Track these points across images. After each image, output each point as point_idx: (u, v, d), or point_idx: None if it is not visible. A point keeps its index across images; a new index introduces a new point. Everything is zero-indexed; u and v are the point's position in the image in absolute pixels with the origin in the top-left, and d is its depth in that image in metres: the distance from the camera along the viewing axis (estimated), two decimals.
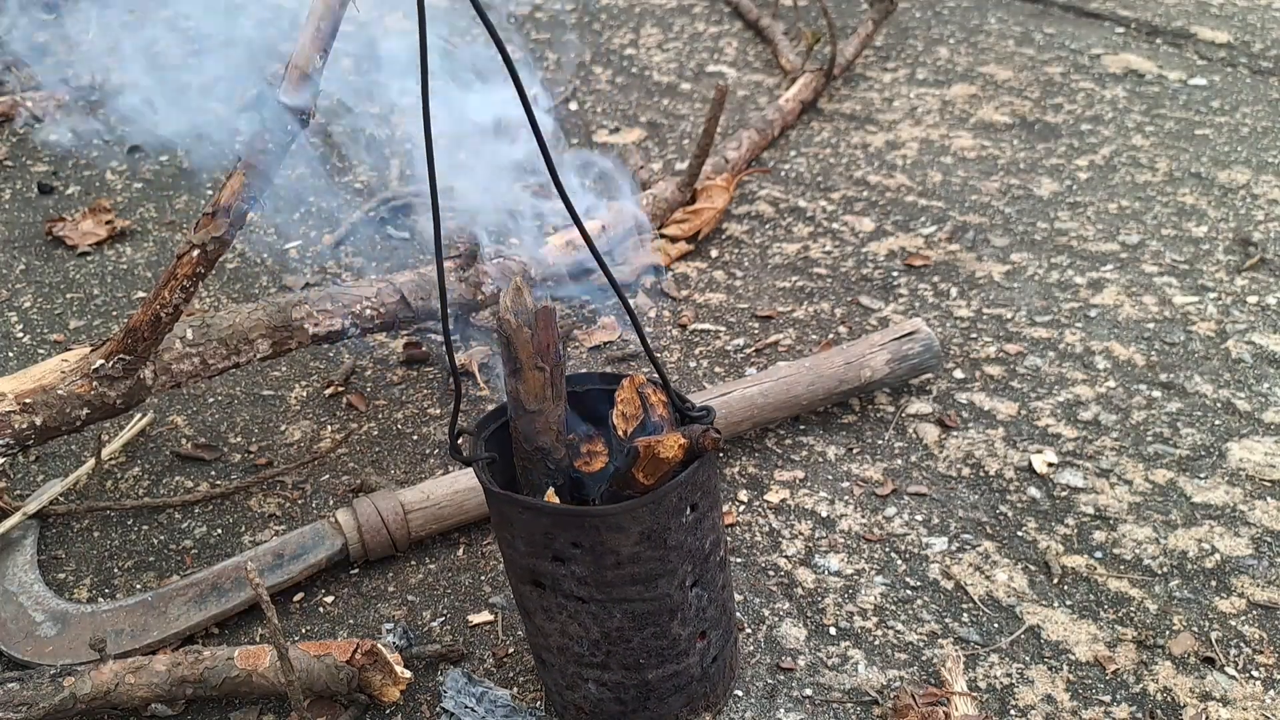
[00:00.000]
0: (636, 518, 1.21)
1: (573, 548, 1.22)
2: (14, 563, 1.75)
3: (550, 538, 1.23)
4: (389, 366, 2.32)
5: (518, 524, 1.25)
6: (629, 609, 1.28)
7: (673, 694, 1.39)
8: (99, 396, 1.68)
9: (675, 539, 1.26)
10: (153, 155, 3.32)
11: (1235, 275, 2.49)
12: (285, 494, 1.96)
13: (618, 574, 1.24)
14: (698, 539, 1.30)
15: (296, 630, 1.67)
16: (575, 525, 1.21)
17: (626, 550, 1.22)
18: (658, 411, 1.31)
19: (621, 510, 1.20)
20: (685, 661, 1.37)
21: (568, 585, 1.26)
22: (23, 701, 1.38)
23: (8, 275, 2.72)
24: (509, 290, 1.22)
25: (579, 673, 1.36)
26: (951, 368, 2.23)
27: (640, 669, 1.34)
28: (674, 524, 1.25)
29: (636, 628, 1.30)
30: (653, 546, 1.24)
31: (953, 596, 1.68)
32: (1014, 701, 1.49)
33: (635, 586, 1.26)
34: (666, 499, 1.22)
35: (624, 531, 1.21)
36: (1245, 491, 1.85)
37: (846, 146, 3.27)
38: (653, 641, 1.32)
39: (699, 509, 1.28)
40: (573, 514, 1.23)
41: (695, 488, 1.26)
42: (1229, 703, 1.47)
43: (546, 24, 4.43)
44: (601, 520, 1.20)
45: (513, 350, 1.22)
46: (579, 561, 1.23)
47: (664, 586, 1.28)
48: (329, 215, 2.97)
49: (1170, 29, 4.00)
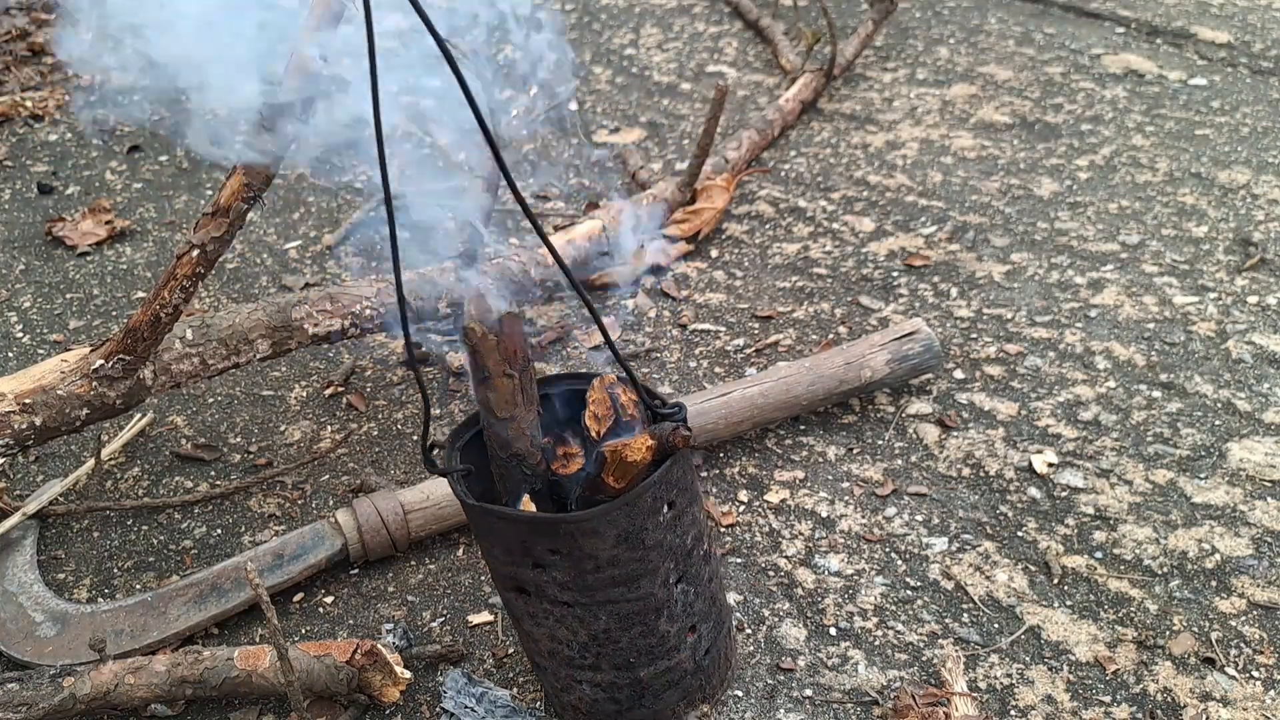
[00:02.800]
0: (612, 521, 1.20)
1: (551, 554, 1.22)
2: (14, 563, 1.75)
3: (528, 546, 1.22)
4: (389, 366, 2.32)
5: (495, 534, 1.24)
6: (614, 610, 1.27)
7: (667, 689, 1.39)
8: (99, 397, 1.68)
9: (654, 538, 1.25)
10: (152, 155, 3.32)
11: (1235, 275, 2.49)
12: (285, 494, 1.95)
13: (598, 577, 1.23)
14: (677, 536, 1.29)
15: (296, 631, 1.67)
16: (550, 532, 1.20)
17: (605, 554, 1.22)
18: (628, 411, 1.30)
19: (595, 515, 1.19)
20: (677, 657, 1.37)
21: (551, 591, 1.26)
22: (22, 702, 1.38)
23: (7, 275, 2.72)
24: (472, 299, 1.20)
25: (572, 675, 1.36)
26: (951, 368, 2.23)
27: (632, 668, 1.34)
28: (650, 524, 1.24)
29: (623, 628, 1.29)
30: (631, 548, 1.23)
31: (953, 597, 1.68)
32: (1014, 702, 1.49)
33: (618, 588, 1.25)
34: (641, 500, 1.21)
35: (600, 536, 1.20)
36: (1245, 492, 1.85)
37: (846, 146, 3.27)
38: (641, 640, 1.32)
39: (676, 506, 1.27)
40: (547, 521, 1.22)
41: (670, 486, 1.25)
42: (1229, 703, 1.47)
43: (547, 24, 4.42)
44: (576, 526, 1.19)
45: (480, 359, 1.20)
46: (558, 568, 1.22)
47: (647, 586, 1.27)
48: (329, 215, 2.97)
49: (1170, 29, 4.00)
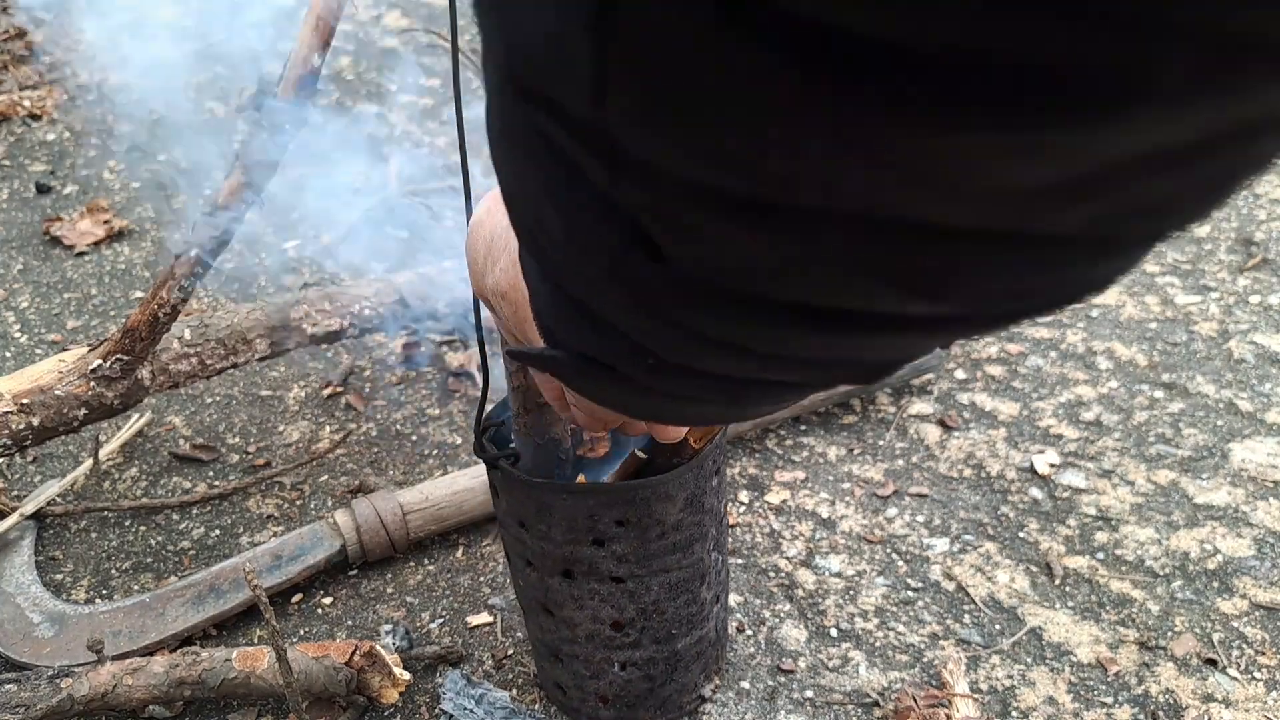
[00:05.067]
0: (683, 484, 1.25)
1: (616, 526, 1.25)
2: (11, 564, 1.74)
3: (594, 519, 1.25)
4: (388, 367, 2.32)
5: (558, 512, 1.26)
6: (666, 580, 1.32)
7: (694, 661, 1.43)
8: (96, 397, 1.67)
9: (709, 502, 1.31)
10: (151, 155, 3.31)
11: (1238, 275, 2.48)
12: (283, 495, 1.95)
13: (660, 544, 1.28)
14: (719, 500, 1.36)
15: (295, 632, 1.66)
16: (624, 501, 1.24)
17: (672, 518, 1.26)
18: None
19: (670, 478, 1.24)
20: (707, 626, 1.42)
21: (606, 566, 1.28)
22: (20, 703, 1.37)
23: (5, 275, 2.72)
24: None
25: (607, 657, 1.38)
26: (953, 368, 2.22)
27: (671, 640, 1.38)
28: (707, 486, 1.30)
29: (671, 597, 1.34)
30: (693, 511, 1.29)
31: (954, 598, 1.67)
32: (1015, 703, 1.49)
33: (674, 555, 1.30)
34: (705, 462, 1.27)
35: (672, 500, 1.25)
36: (1248, 492, 1.85)
37: None
38: (685, 609, 1.36)
39: (720, 472, 1.34)
40: (625, 488, 1.26)
41: (719, 449, 1.32)
42: (1231, 704, 1.47)
43: None
44: (652, 491, 1.23)
45: None
46: (621, 539, 1.26)
47: (699, 551, 1.33)
48: (329, 215, 2.97)
49: None
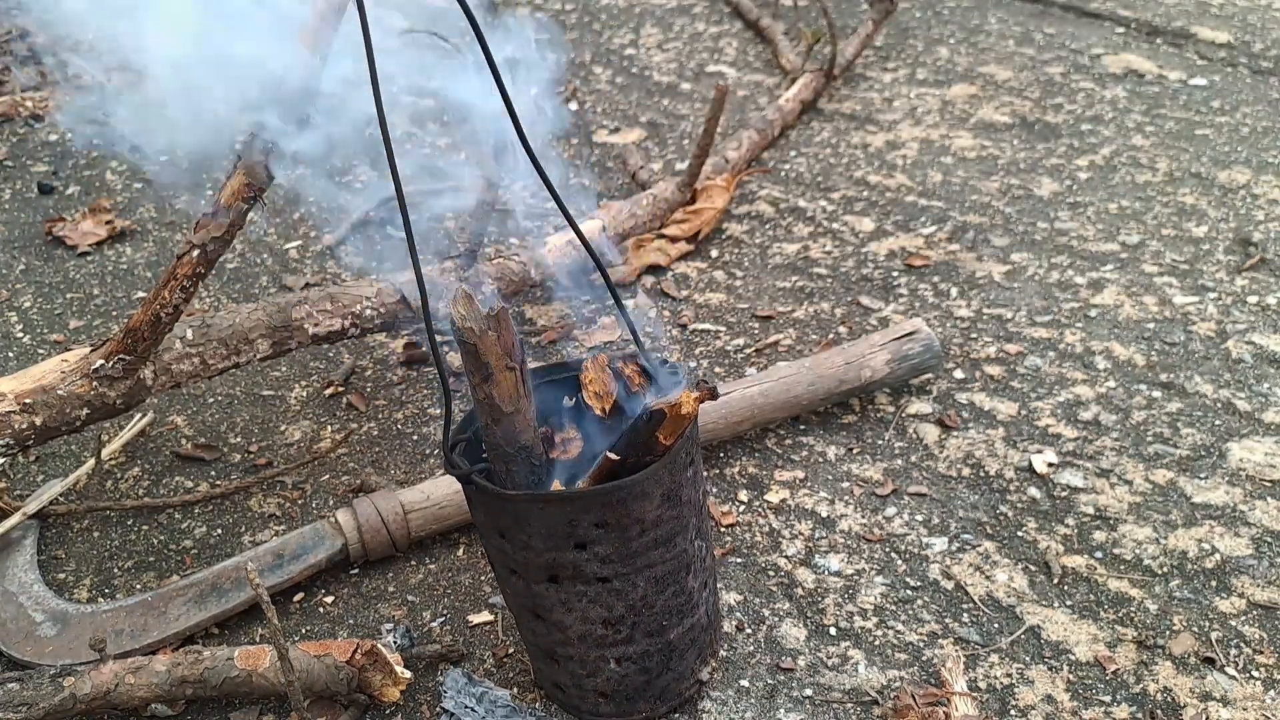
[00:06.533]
0: (658, 480, 1.27)
1: (596, 529, 1.26)
2: (14, 563, 1.75)
3: (574, 525, 1.26)
4: (389, 366, 2.32)
5: (536, 521, 1.26)
6: (652, 574, 1.33)
7: (689, 649, 1.45)
8: (99, 397, 1.68)
9: (687, 494, 1.33)
10: (152, 155, 3.32)
11: (1235, 275, 2.49)
12: (285, 494, 1.95)
13: (641, 542, 1.29)
14: (696, 490, 1.37)
15: (296, 630, 1.67)
16: (601, 504, 1.25)
17: (650, 515, 1.28)
18: (635, 382, 1.38)
19: (645, 477, 1.25)
20: (698, 613, 1.43)
21: (590, 569, 1.29)
22: (23, 702, 1.38)
23: (8, 275, 2.72)
24: (458, 300, 1.19)
25: (601, 655, 1.39)
26: (952, 368, 2.23)
27: (663, 631, 1.39)
28: (683, 479, 1.32)
29: (659, 590, 1.35)
30: (671, 505, 1.30)
31: (953, 597, 1.68)
32: (1014, 702, 1.49)
33: (657, 550, 1.32)
34: (678, 456, 1.29)
35: (648, 497, 1.26)
36: (1245, 492, 1.85)
37: (846, 146, 3.27)
38: (673, 600, 1.38)
39: (694, 462, 1.36)
40: (599, 492, 1.26)
41: (691, 441, 1.33)
42: (1229, 703, 1.47)
43: (546, 24, 4.42)
44: (628, 491, 1.25)
45: (480, 357, 1.21)
46: (602, 541, 1.27)
47: (681, 543, 1.34)
48: (329, 215, 2.97)
49: (1170, 29, 4.00)
